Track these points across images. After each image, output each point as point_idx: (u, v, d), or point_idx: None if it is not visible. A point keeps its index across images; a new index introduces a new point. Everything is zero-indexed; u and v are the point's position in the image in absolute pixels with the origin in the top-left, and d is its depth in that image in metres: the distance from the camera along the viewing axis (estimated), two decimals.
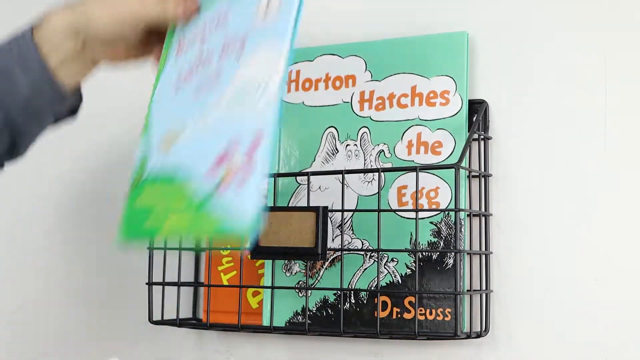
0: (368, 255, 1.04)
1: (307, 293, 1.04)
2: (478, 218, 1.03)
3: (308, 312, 1.05)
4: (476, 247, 1.02)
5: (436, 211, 0.99)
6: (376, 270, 1.01)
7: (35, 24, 0.95)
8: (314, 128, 1.09)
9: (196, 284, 1.15)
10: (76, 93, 0.97)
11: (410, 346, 1.05)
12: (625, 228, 0.97)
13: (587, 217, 0.98)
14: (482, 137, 1.03)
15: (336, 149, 1.07)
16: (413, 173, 1.00)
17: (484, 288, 1.01)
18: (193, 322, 1.15)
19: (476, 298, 1.02)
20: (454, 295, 0.97)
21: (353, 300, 1.04)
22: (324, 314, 1.05)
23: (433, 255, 1.01)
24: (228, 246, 1.12)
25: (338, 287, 1.02)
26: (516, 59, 1.03)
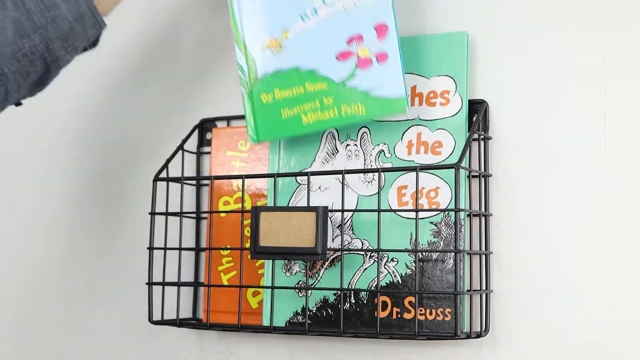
0: (368, 255, 1.04)
1: (307, 293, 1.04)
2: (478, 218, 1.03)
3: (308, 312, 1.05)
4: (476, 247, 1.02)
5: (436, 211, 0.99)
6: (376, 270, 1.01)
7: None
8: None
9: (196, 284, 1.15)
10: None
11: (410, 346, 1.05)
12: (625, 228, 0.97)
13: (587, 217, 0.98)
14: (482, 137, 1.03)
15: (336, 149, 1.07)
16: (413, 173, 1.00)
17: (484, 288, 1.01)
18: (193, 322, 1.15)
19: (476, 298, 1.02)
20: (454, 295, 0.97)
21: (353, 300, 1.04)
22: (324, 314, 1.05)
23: (433, 255, 1.01)
24: (228, 246, 1.12)
25: (338, 287, 1.02)
26: (516, 59, 1.03)
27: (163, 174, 1.13)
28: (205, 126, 1.19)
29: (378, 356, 1.07)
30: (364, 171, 1.01)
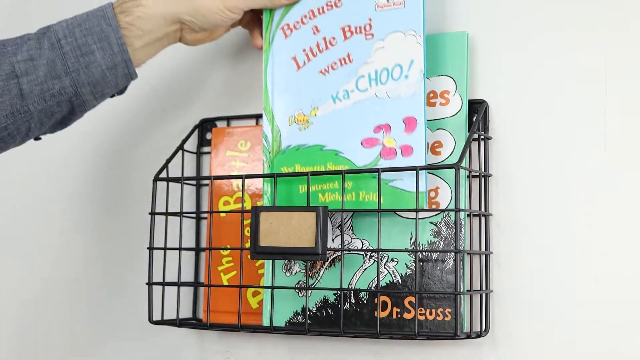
0: (368, 255, 1.04)
1: (307, 293, 1.04)
2: (478, 218, 1.03)
3: (308, 312, 1.05)
4: (476, 247, 1.02)
5: (436, 211, 0.99)
6: (376, 270, 1.01)
7: (118, 7, 0.99)
8: None
9: (196, 284, 1.15)
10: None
11: (410, 346, 1.05)
12: (625, 228, 0.97)
13: (587, 217, 0.98)
14: (482, 137, 1.03)
15: None
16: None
17: (484, 288, 1.01)
18: (193, 322, 1.15)
19: (476, 298, 1.02)
20: (454, 295, 0.97)
21: (353, 300, 1.04)
22: (324, 314, 1.05)
23: (433, 255, 1.01)
24: (228, 245, 1.12)
25: (338, 287, 1.02)
26: (516, 59, 1.03)
27: (163, 174, 1.13)
28: (205, 126, 1.19)
29: (378, 356, 1.07)
30: (364, 171, 1.01)
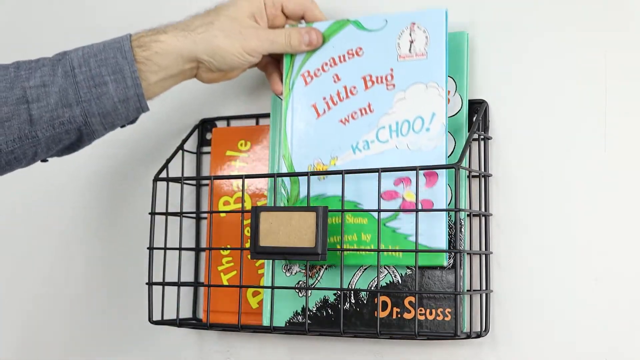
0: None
1: (307, 293, 1.04)
2: (478, 218, 1.03)
3: (308, 312, 1.05)
4: (476, 247, 1.02)
5: (436, 211, 0.99)
6: (376, 270, 1.01)
7: (136, 40, 0.98)
8: None
9: (196, 284, 1.15)
10: None
11: (410, 346, 1.05)
12: (625, 228, 0.97)
13: (587, 217, 0.98)
14: (482, 137, 1.03)
15: None
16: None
17: (484, 288, 1.01)
18: (193, 322, 1.15)
19: (476, 298, 1.02)
20: (454, 295, 0.97)
21: (353, 300, 1.04)
22: (324, 314, 1.05)
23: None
24: (228, 245, 1.12)
25: (338, 287, 1.02)
26: (516, 59, 1.03)
27: (163, 174, 1.13)
28: (205, 126, 1.19)
29: (378, 356, 1.07)
30: (364, 171, 1.01)
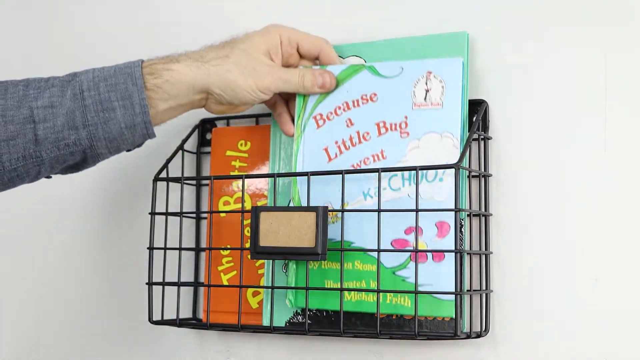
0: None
1: (307, 293, 1.04)
2: (478, 218, 1.03)
3: (308, 312, 1.05)
4: (476, 247, 1.02)
5: (436, 211, 0.99)
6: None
7: (147, 67, 0.98)
8: None
9: (196, 284, 1.15)
10: None
11: (410, 346, 1.05)
12: (625, 228, 0.97)
13: (587, 217, 0.98)
14: (482, 137, 1.03)
15: None
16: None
17: (484, 288, 1.01)
18: (193, 322, 1.15)
19: (476, 298, 1.02)
20: (454, 295, 0.97)
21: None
22: (324, 314, 1.05)
23: None
24: (228, 245, 1.12)
25: (338, 287, 1.02)
26: (516, 59, 1.03)
27: (163, 174, 1.13)
28: (205, 126, 1.19)
29: (378, 356, 1.07)
30: (364, 171, 1.01)
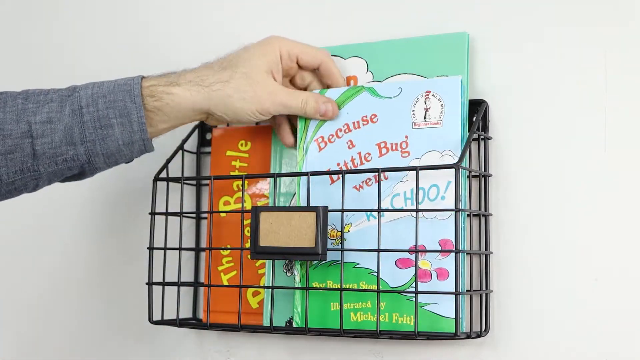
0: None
1: (307, 293, 1.04)
2: (478, 218, 1.03)
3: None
4: (476, 247, 1.02)
5: (436, 211, 0.99)
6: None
7: (147, 88, 0.99)
8: None
9: (196, 284, 1.15)
10: None
11: (410, 346, 1.05)
12: (625, 228, 0.97)
13: (587, 217, 0.98)
14: (482, 137, 1.03)
15: None
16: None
17: (484, 288, 1.01)
18: (193, 322, 1.15)
19: (476, 298, 1.02)
20: (454, 295, 0.97)
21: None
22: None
23: None
24: (228, 245, 1.12)
25: (338, 287, 1.02)
26: (516, 59, 1.03)
27: (163, 174, 1.13)
28: (205, 126, 1.19)
29: (378, 356, 1.07)
30: (364, 171, 1.01)
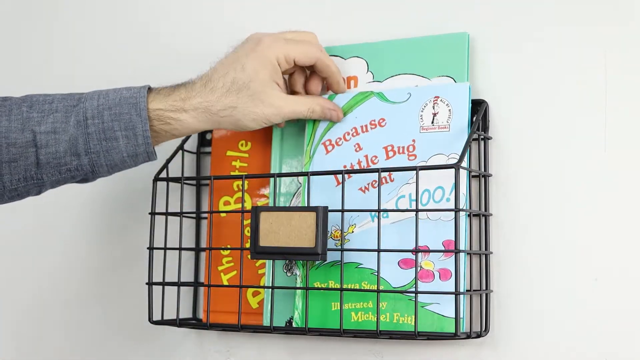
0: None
1: (307, 293, 1.04)
2: (478, 218, 1.03)
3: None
4: (476, 247, 1.02)
5: (436, 211, 0.99)
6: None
7: (155, 110, 0.99)
8: None
9: (196, 284, 1.15)
10: None
11: (410, 346, 1.05)
12: (625, 228, 0.97)
13: (587, 217, 0.98)
14: (482, 137, 1.03)
15: None
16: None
17: (484, 288, 1.01)
18: (193, 322, 1.15)
19: (476, 298, 1.02)
20: (454, 295, 0.97)
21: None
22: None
23: None
24: (228, 245, 1.12)
25: (338, 287, 1.02)
26: (516, 59, 1.03)
27: (163, 174, 1.13)
28: None
29: (378, 356, 1.07)
30: (364, 171, 1.01)
